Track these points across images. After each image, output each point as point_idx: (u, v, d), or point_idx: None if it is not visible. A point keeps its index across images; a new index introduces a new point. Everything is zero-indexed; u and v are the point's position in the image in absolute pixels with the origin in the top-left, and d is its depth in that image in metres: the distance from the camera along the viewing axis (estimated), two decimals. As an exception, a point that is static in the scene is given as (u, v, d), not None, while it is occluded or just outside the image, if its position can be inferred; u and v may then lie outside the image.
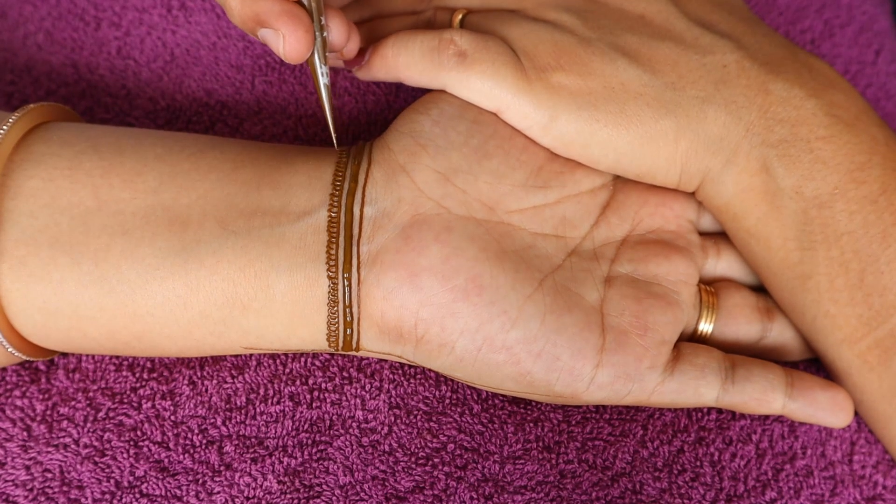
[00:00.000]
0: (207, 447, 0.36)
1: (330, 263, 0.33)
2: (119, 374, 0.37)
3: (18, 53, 0.43)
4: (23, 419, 0.36)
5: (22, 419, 0.36)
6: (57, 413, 0.37)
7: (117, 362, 0.38)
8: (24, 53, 0.43)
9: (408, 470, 0.36)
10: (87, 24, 0.43)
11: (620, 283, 0.36)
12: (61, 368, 0.37)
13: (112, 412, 0.37)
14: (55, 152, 0.34)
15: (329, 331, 0.34)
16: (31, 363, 0.38)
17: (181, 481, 0.35)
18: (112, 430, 0.36)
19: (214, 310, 0.34)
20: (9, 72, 0.42)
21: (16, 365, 0.38)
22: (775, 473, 0.37)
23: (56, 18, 0.43)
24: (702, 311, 0.38)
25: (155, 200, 0.34)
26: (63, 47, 0.43)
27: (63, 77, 0.42)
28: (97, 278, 0.33)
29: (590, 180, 0.38)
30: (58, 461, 0.36)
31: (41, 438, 0.36)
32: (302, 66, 0.43)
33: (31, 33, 0.43)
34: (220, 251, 0.33)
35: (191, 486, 0.35)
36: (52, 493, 0.35)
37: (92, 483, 0.35)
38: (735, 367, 0.36)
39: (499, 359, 0.34)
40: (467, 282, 0.33)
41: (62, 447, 0.36)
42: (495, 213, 0.35)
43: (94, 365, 0.38)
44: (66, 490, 0.35)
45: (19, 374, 0.37)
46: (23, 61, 0.43)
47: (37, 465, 0.36)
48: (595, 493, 0.36)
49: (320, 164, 0.35)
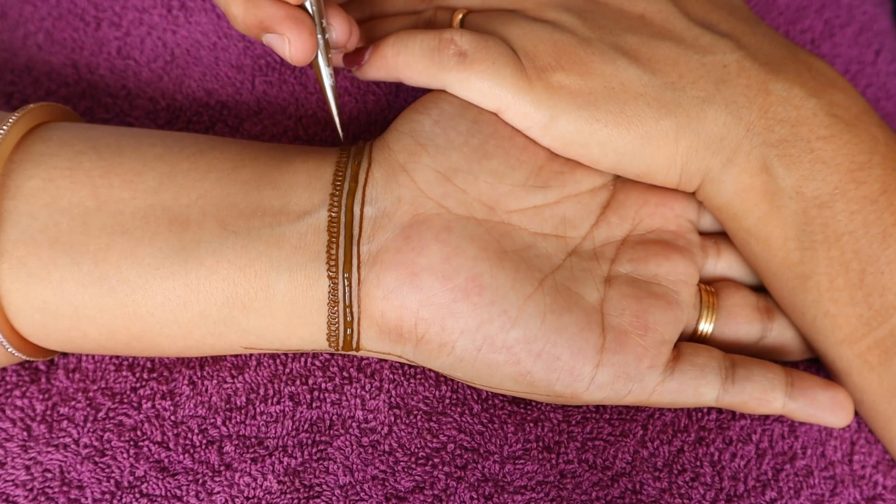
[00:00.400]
0: (207, 447, 0.36)
1: (330, 263, 0.33)
2: (119, 373, 0.37)
3: (19, 53, 0.43)
4: (23, 419, 0.36)
5: (22, 419, 0.36)
6: (57, 413, 0.36)
7: (117, 362, 0.38)
8: (24, 53, 0.43)
9: (408, 470, 0.36)
10: (88, 24, 0.43)
11: (620, 283, 0.36)
12: (61, 368, 0.37)
13: (112, 412, 0.37)
14: (55, 152, 0.34)
15: (329, 331, 0.34)
16: (31, 363, 0.37)
17: (181, 481, 0.35)
18: (112, 430, 0.36)
19: (214, 310, 0.34)
20: (9, 72, 0.42)
21: (16, 365, 0.37)
22: (775, 473, 0.37)
23: (56, 18, 0.43)
24: (702, 310, 0.38)
25: (155, 200, 0.34)
26: (63, 47, 0.43)
27: (63, 77, 0.42)
28: (97, 278, 0.33)
29: (590, 180, 0.38)
30: (58, 461, 0.36)
31: (41, 438, 0.36)
32: (302, 66, 0.43)
33: (31, 33, 0.43)
34: (220, 251, 0.33)
35: (191, 486, 0.35)
36: (52, 493, 0.35)
37: (92, 483, 0.35)
38: (735, 367, 0.36)
39: (499, 359, 0.34)
40: (467, 281, 0.33)
41: (62, 447, 0.36)
42: (495, 212, 0.35)
43: (94, 365, 0.38)
44: (66, 490, 0.35)
45: (19, 374, 0.37)
46: (23, 61, 0.43)
47: (37, 465, 0.36)
48: (595, 493, 0.36)
49: (320, 163, 0.35)
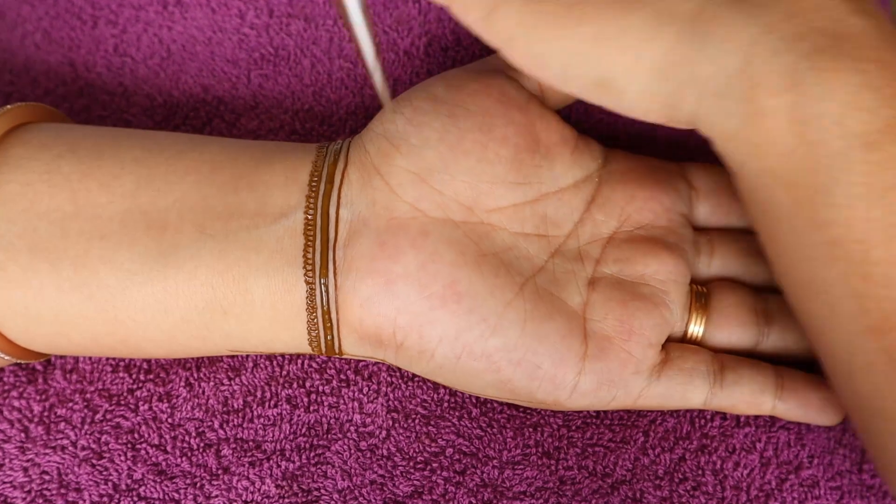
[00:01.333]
0: (205, 450, 0.36)
1: (307, 268, 0.33)
2: (116, 375, 0.37)
3: (16, 53, 0.43)
4: (20, 420, 0.37)
5: (19, 420, 0.37)
6: (54, 415, 0.37)
7: (114, 363, 0.38)
8: (21, 53, 0.43)
9: (406, 474, 0.36)
10: (85, 22, 0.43)
11: (604, 286, 0.35)
12: (58, 369, 0.37)
13: (109, 414, 0.37)
14: (33, 156, 0.34)
15: (310, 336, 0.34)
16: (28, 364, 0.38)
17: (179, 484, 0.36)
18: (109, 433, 0.36)
19: (195, 315, 0.33)
20: (7, 72, 0.43)
21: (12, 365, 0.38)
22: (779, 483, 0.36)
23: (53, 18, 0.43)
24: (691, 312, 0.36)
25: (132, 204, 0.33)
26: (60, 46, 0.43)
27: (61, 76, 0.42)
28: (77, 284, 0.33)
29: (570, 174, 0.36)
30: (55, 463, 0.36)
31: (39, 440, 0.36)
32: (297, 56, 0.42)
33: (28, 33, 0.43)
34: (199, 255, 0.33)
35: (188, 489, 0.35)
36: (50, 496, 0.35)
37: (90, 485, 0.35)
38: (724, 370, 0.35)
39: (479, 367, 0.33)
40: (445, 289, 0.33)
41: (60, 449, 0.36)
42: (474, 213, 0.34)
43: (91, 366, 0.38)
44: (64, 492, 0.35)
45: (16, 375, 0.37)
46: (21, 61, 0.43)
47: (34, 466, 0.36)
48: (595, 500, 0.36)
49: (298, 164, 0.35)
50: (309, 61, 0.42)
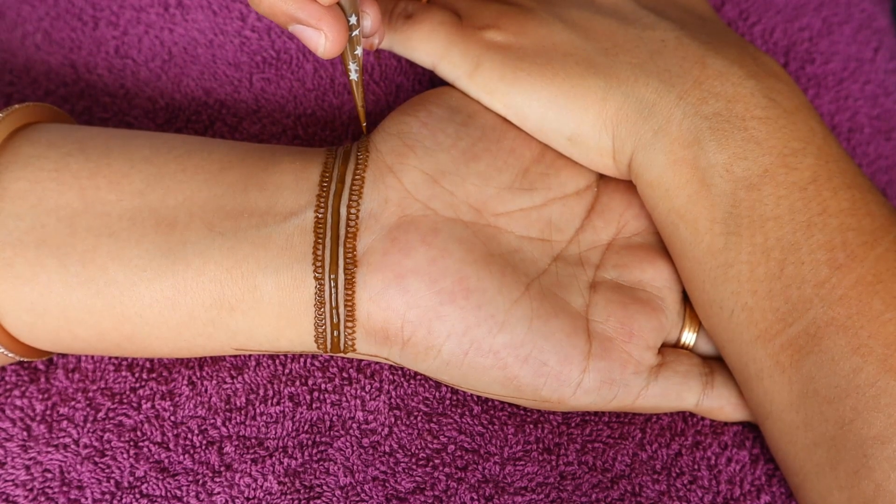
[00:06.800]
0: (207, 448, 0.36)
1: (316, 264, 0.33)
2: (118, 374, 0.37)
3: (17, 54, 0.43)
4: (22, 419, 0.36)
5: (22, 419, 0.36)
6: (57, 413, 0.37)
7: (116, 362, 0.38)
8: (22, 54, 0.43)
9: (408, 471, 0.36)
10: (85, 23, 0.43)
11: (605, 289, 0.36)
12: (61, 368, 0.37)
13: (112, 412, 0.37)
14: (42, 154, 0.34)
15: (317, 332, 0.34)
16: (30, 363, 0.38)
17: (181, 482, 0.36)
18: (112, 431, 0.36)
19: (202, 311, 0.34)
20: (8, 72, 0.42)
21: (15, 364, 0.38)
22: (769, 479, 0.37)
23: (54, 18, 0.43)
24: (684, 321, 0.38)
25: (141, 202, 0.34)
26: (61, 47, 0.43)
27: (62, 77, 0.42)
28: (84, 280, 0.33)
29: (574, 182, 0.38)
30: (58, 461, 0.36)
31: (41, 438, 0.36)
32: (299, 60, 0.42)
33: (29, 33, 0.43)
34: (207, 252, 0.33)
35: (191, 486, 0.35)
36: (52, 494, 0.35)
37: (92, 483, 0.35)
38: (713, 374, 0.37)
39: (486, 363, 0.34)
40: (454, 284, 0.33)
41: (62, 447, 0.36)
42: (482, 215, 0.35)
43: (94, 365, 0.38)
44: (66, 490, 0.35)
45: (18, 374, 0.37)
46: (21, 62, 0.42)
47: (37, 465, 0.36)
48: (595, 494, 0.36)
49: (308, 164, 0.35)
50: (311, 65, 0.42)
